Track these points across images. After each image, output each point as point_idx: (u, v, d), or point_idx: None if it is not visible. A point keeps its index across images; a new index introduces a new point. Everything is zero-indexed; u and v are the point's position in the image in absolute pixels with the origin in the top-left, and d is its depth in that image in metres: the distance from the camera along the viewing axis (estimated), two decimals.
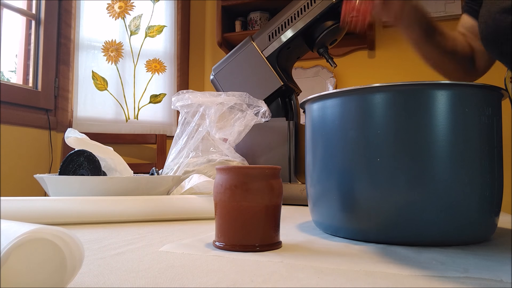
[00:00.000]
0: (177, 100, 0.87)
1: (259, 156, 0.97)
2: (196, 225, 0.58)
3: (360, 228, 0.45)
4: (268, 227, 0.40)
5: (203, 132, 0.85)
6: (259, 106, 0.88)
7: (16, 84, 1.80)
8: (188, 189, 0.72)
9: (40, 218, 0.55)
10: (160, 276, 0.31)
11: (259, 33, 1.04)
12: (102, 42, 2.11)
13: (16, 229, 0.23)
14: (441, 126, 0.41)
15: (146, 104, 2.20)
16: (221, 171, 0.41)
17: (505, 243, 0.44)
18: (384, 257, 0.37)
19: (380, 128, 0.43)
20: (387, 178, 0.42)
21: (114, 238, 0.47)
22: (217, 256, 0.38)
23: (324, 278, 0.30)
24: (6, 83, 1.74)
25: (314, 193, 0.51)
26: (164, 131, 2.19)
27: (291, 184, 0.91)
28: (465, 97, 0.42)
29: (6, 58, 1.88)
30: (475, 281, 0.30)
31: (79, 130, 0.82)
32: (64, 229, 0.25)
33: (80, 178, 0.65)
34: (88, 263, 0.35)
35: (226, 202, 0.40)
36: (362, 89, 0.44)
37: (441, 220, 0.41)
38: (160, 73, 2.24)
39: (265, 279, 0.30)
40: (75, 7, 2.05)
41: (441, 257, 0.37)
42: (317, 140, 0.50)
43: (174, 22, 2.29)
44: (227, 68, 1.07)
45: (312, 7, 0.98)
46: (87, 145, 0.76)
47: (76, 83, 2.03)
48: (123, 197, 0.61)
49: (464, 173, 0.41)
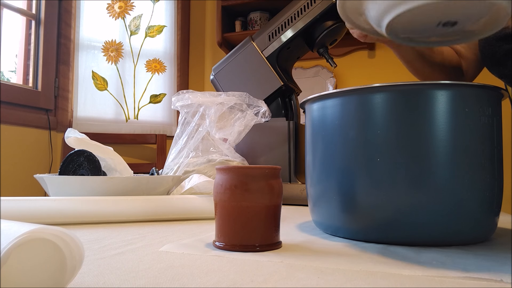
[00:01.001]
0: (177, 100, 0.87)
1: (259, 156, 0.97)
2: (196, 225, 0.58)
3: (360, 228, 0.45)
4: (268, 227, 0.40)
5: (203, 132, 0.85)
6: (259, 106, 0.88)
7: (16, 84, 1.80)
8: (188, 189, 0.72)
9: (40, 218, 0.55)
10: (160, 276, 0.31)
11: (259, 33, 1.04)
12: (102, 42, 2.11)
13: (16, 229, 0.23)
14: (441, 126, 0.41)
15: (146, 104, 2.20)
16: (221, 171, 0.41)
17: (505, 243, 0.44)
18: (384, 257, 0.37)
19: (380, 128, 0.43)
20: (387, 178, 0.42)
21: (114, 238, 0.47)
22: (217, 256, 0.38)
23: (324, 278, 0.30)
24: (6, 83, 1.74)
25: (314, 193, 0.51)
26: (164, 131, 2.20)
27: (291, 184, 0.91)
28: (465, 97, 0.42)
29: (6, 58, 1.88)
30: (475, 281, 0.30)
31: (79, 130, 0.83)
32: (64, 229, 0.25)
33: (80, 178, 0.65)
34: (88, 263, 0.35)
35: (226, 202, 0.40)
36: (362, 89, 0.44)
37: (441, 220, 0.41)
38: (160, 73, 2.24)
39: (265, 279, 0.30)
40: (75, 7, 2.05)
41: (441, 257, 0.37)
42: (317, 140, 0.50)
43: (174, 22, 2.29)
44: (227, 68, 1.07)
45: (312, 7, 0.98)
46: (87, 145, 0.76)
47: (76, 83, 2.03)
48: (123, 197, 0.61)
49: (464, 173, 0.41)
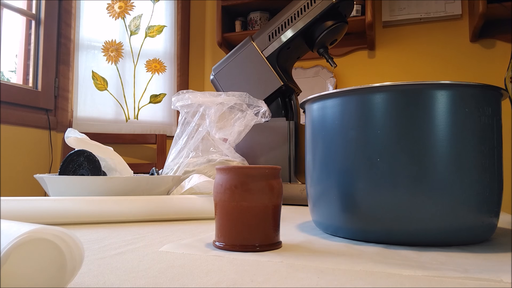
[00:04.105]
0: (177, 100, 0.87)
1: (259, 156, 0.97)
2: (196, 225, 0.58)
3: (360, 228, 0.45)
4: (268, 227, 0.40)
5: (203, 132, 0.85)
6: (259, 106, 0.88)
7: (16, 84, 1.80)
8: (188, 189, 0.72)
9: (40, 218, 0.55)
10: (160, 276, 0.31)
11: (259, 33, 1.04)
12: (102, 42, 2.11)
13: (16, 229, 0.23)
14: (441, 126, 0.41)
15: (146, 104, 2.20)
16: (221, 171, 0.41)
17: (505, 243, 0.44)
18: (384, 257, 0.37)
19: (380, 128, 0.43)
20: (387, 178, 0.42)
21: (114, 238, 0.47)
22: (217, 256, 0.38)
23: (324, 278, 0.30)
24: (6, 83, 1.74)
25: (314, 193, 0.51)
26: (164, 131, 2.20)
27: (291, 184, 0.91)
28: (465, 97, 0.42)
29: (6, 58, 1.88)
30: (475, 281, 0.30)
31: (79, 130, 0.82)
32: (64, 229, 0.25)
33: (80, 178, 0.65)
34: (88, 263, 0.35)
35: (226, 202, 0.40)
36: (362, 89, 0.44)
37: (441, 220, 0.41)
38: (160, 73, 2.24)
39: (265, 279, 0.30)
40: (75, 7, 2.05)
41: (441, 257, 0.37)
42: (317, 140, 0.50)
43: (174, 22, 2.29)
44: (227, 68, 1.07)
45: (312, 7, 0.98)
46: (87, 145, 0.76)
47: (76, 83, 2.03)
48: (123, 197, 0.61)
49: (464, 173, 0.41)
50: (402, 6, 2.06)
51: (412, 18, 2.05)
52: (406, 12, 2.05)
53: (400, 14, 2.06)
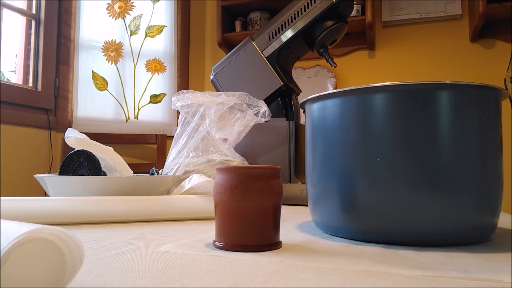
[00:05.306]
0: (177, 100, 0.87)
1: (259, 156, 0.97)
2: (196, 225, 0.58)
3: (360, 228, 0.45)
4: (268, 227, 0.40)
5: (203, 132, 0.85)
6: (259, 106, 0.88)
7: (16, 84, 1.80)
8: (188, 189, 0.72)
9: (40, 218, 0.55)
10: (160, 276, 0.31)
11: (259, 33, 1.04)
12: (102, 42, 2.11)
13: (16, 229, 0.23)
14: (441, 126, 0.41)
15: (146, 104, 2.20)
16: (221, 171, 0.41)
17: (505, 243, 0.44)
18: (384, 257, 0.37)
19: (380, 128, 0.43)
20: (387, 178, 0.42)
21: (114, 238, 0.47)
22: (217, 256, 0.38)
23: (324, 278, 0.30)
24: (6, 83, 1.74)
25: (314, 193, 0.51)
26: (164, 131, 2.20)
27: (291, 184, 0.91)
28: (465, 97, 0.42)
29: (6, 58, 1.88)
30: (475, 281, 0.30)
31: (79, 130, 0.82)
32: (64, 229, 0.25)
33: (80, 178, 0.65)
34: (88, 263, 0.35)
35: (226, 202, 0.40)
36: (362, 89, 0.44)
37: (441, 220, 0.41)
38: (160, 73, 2.24)
39: (265, 279, 0.30)
40: (75, 7, 2.05)
41: (441, 257, 0.37)
42: (317, 140, 0.50)
43: (174, 22, 2.29)
44: (227, 68, 1.07)
45: (312, 7, 0.98)
46: (87, 145, 0.76)
47: (76, 83, 2.03)
48: (123, 197, 0.61)
49: (464, 173, 0.41)
50: (402, 6, 2.06)
51: (412, 18, 2.05)
52: (406, 12, 2.06)
53: (400, 14, 2.06)
